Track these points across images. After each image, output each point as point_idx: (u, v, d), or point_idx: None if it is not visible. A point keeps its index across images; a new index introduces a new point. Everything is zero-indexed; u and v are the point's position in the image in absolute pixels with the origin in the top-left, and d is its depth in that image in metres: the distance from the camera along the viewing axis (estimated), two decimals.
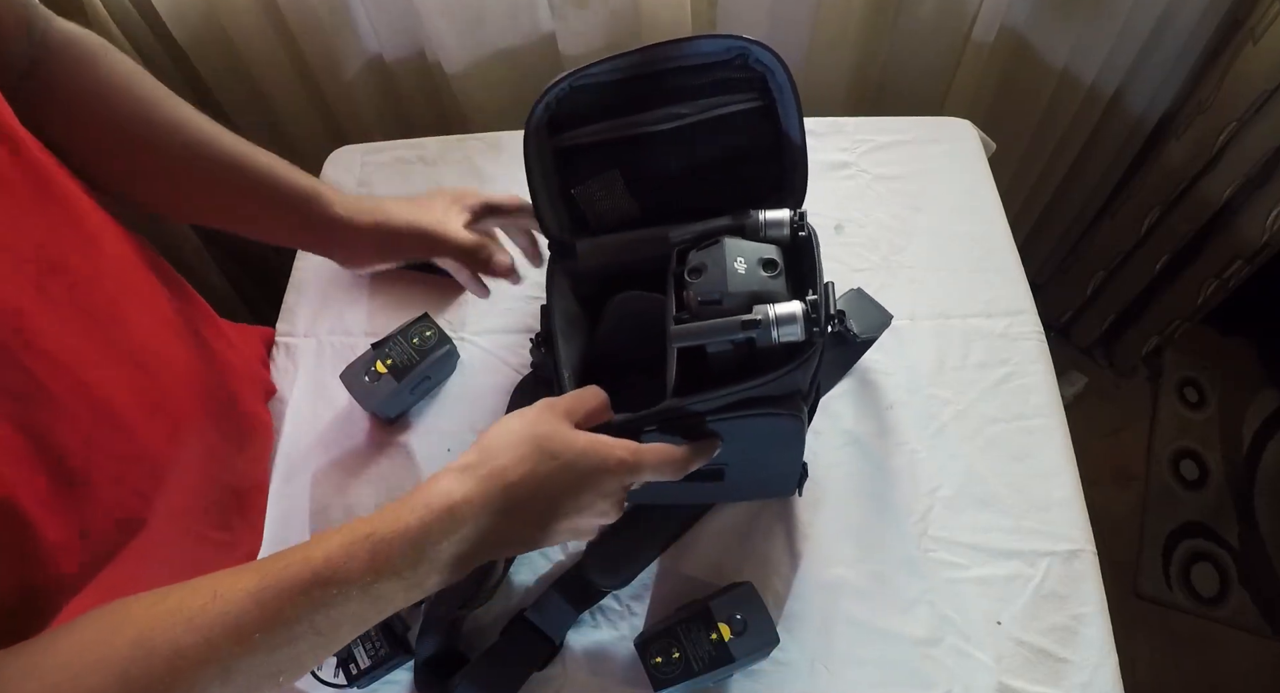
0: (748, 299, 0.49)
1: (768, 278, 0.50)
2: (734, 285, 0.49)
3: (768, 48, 0.52)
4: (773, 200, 0.57)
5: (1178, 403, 1.55)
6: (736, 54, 0.53)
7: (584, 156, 0.58)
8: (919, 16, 1.07)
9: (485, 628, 0.64)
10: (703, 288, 0.50)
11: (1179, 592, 1.37)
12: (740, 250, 0.51)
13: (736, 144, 0.57)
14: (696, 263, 0.52)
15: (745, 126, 0.57)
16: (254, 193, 0.59)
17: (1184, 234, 1.23)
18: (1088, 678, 0.60)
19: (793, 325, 0.48)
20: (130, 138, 0.54)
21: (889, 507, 0.68)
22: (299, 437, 0.74)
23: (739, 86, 0.55)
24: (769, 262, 0.51)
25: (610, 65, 0.54)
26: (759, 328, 0.47)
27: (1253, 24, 0.98)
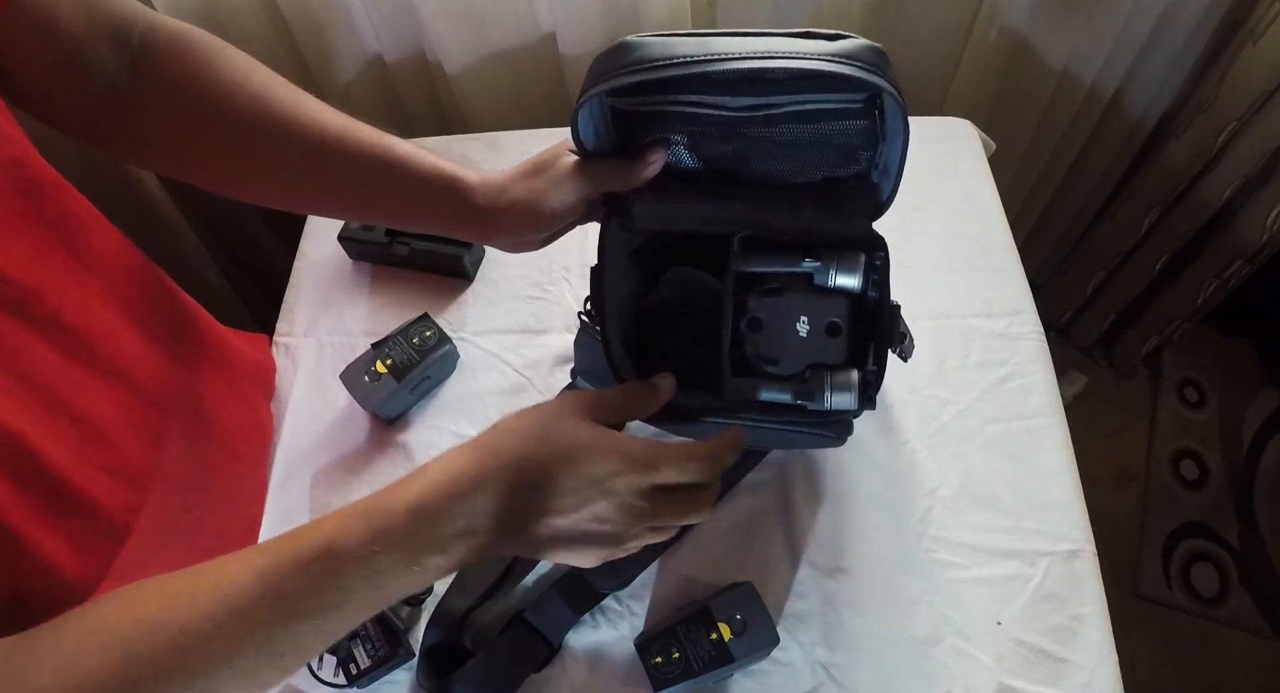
0: (805, 364, 0.49)
1: (831, 343, 0.49)
2: (791, 350, 0.49)
3: (899, 100, 0.44)
4: (850, 190, 0.52)
5: (1178, 403, 1.55)
6: (866, 95, 0.46)
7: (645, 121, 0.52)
8: (919, 16, 1.07)
9: (485, 627, 0.64)
10: (762, 346, 0.49)
11: (1179, 592, 1.37)
12: (805, 309, 0.49)
13: (828, 138, 0.50)
14: (758, 313, 0.50)
15: (843, 123, 0.49)
16: (391, 187, 0.54)
17: (1184, 234, 1.23)
18: (1088, 678, 0.60)
19: (846, 394, 0.47)
20: (254, 136, 0.52)
21: (889, 507, 0.68)
22: (299, 437, 0.74)
23: (845, 86, 0.47)
24: (833, 326, 0.49)
25: (687, 57, 0.45)
26: (812, 399, 0.48)
27: (1253, 24, 0.98)
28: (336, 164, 0.53)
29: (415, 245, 0.80)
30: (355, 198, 0.56)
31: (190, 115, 0.51)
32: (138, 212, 1.02)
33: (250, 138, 0.52)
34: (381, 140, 0.54)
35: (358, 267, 0.84)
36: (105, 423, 0.48)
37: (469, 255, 0.80)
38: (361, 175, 0.54)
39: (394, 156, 0.53)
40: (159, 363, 0.56)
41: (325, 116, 0.53)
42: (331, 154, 0.53)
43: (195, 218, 1.13)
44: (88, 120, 0.51)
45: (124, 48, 0.50)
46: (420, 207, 0.55)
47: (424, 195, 0.54)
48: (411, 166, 0.54)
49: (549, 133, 0.93)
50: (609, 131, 0.52)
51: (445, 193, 0.54)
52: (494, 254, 0.84)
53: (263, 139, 0.52)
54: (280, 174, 0.54)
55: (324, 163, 0.53)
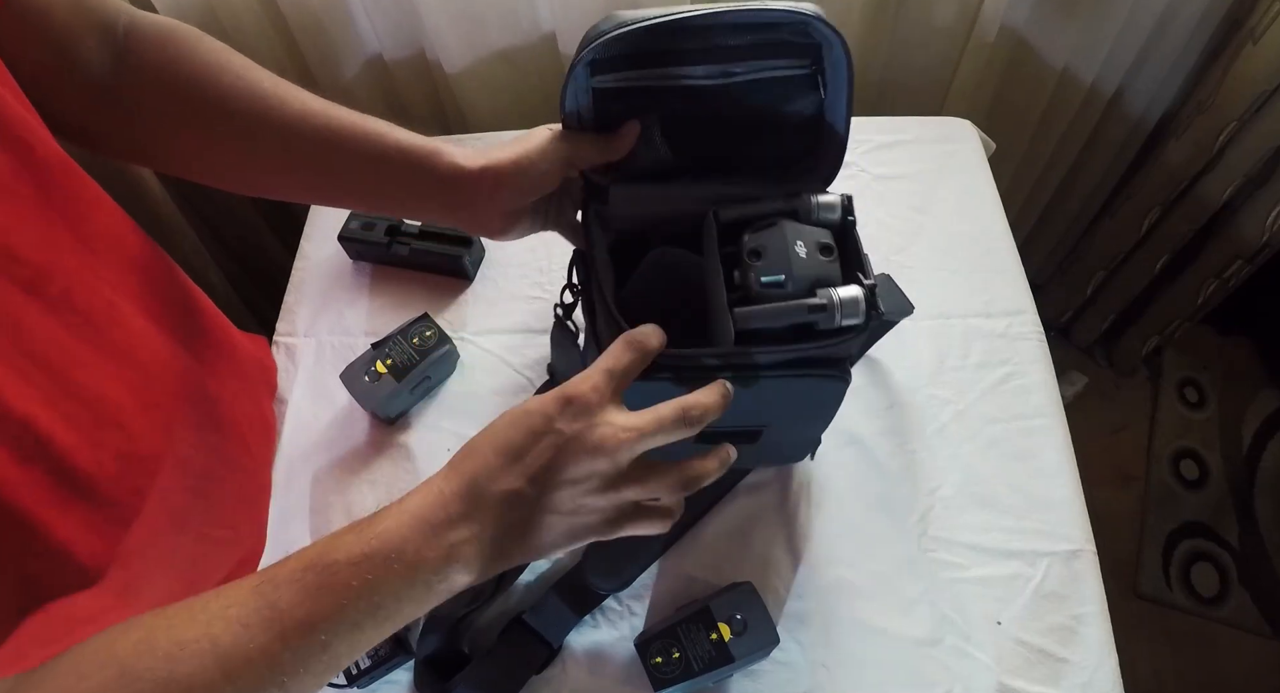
0: (810, 283, 0.50)
1: (826, 262, 0.51)
2: (798, 269, 0.50)
3: (830, 25, 0.51)
4: (803, 171, 0.57)
5: (1178, 403, 1.55)
6: (799, 21, 0.53)
7: (622, 100, 0.57)
8: (919, 16, 1.07)
9: (485, 629, 0.64)
10: (766, 270, 0.51)
11: (1179, 592, 1.37)
12: (800, 234, 0.52)
13: (781, 107, 0.57)
14: (756, 245, 0.52)
15: (793, 92, 0.56)
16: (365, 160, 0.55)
17: (1184, 234, 1.23)
18: (1088, 678, 0.60)
19: (855, 309, 0.49)
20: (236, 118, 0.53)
21: (889, 507, 0.68)
22: (299, 437, 0.74)
23: (793, 52, 0.54)
24: (826, 247, 0.52)
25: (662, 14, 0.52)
26: (824, 312, 0.49)
27: (1253, 24, 0.98)
28: (314, 139, 0.54)
29: (415, 245, 0.80)
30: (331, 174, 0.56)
31: (173, 101, 0.52)
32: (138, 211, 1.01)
33: (233, 120, 0.53)
34: (359, 119, 0.55)
35: (358, 267, 0.84)
36: (115, 407, 0.48)
37: (469, 255, 0.80)
38: (334, 149, 0.54)
39: (368, 130, 0.55)
40: (168, 349, 0.56)
41: (304, 96, 0.54)
42: (310, 129, 0.53)
43: (195, 217, 1.13)
44: (77, 116, 0.51)
45: (109, 43, 0.51)
46: (396, 174, 0.56)
47: (400, 162, 0.55)
48: (387, 137, 0.55)
49: None
50: (591, 110, 0.56)
51: (422, 158, 0.55)
52: (494, 254, 0.84)
53: (244, 120, 0.53)
54: (264, 157, 0.55)
55: (302, 138, 0.54)
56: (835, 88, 0.54)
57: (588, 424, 0.42)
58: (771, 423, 0.58)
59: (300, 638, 0.37)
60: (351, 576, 0.38)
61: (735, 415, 0.54)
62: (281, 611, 0.37)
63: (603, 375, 0.43)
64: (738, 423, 0.55)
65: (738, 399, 0.51)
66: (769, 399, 0.53)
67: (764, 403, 0.54)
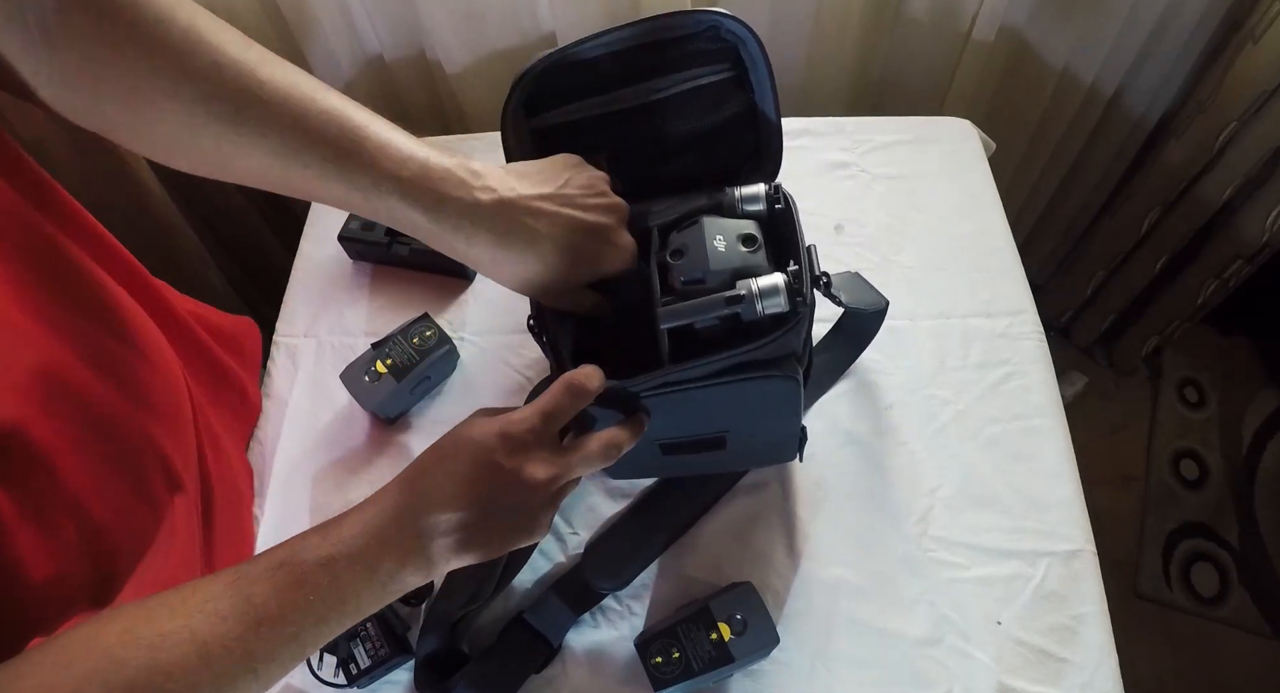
0: (730, 276, 0.50)
1: (748, 253, 0.51)
2: (715, 264, 0.50)
3: (738, 19, 0.53)
4: (750, 172, 0.58)
5: (1178, 403, 1.55)
6: (708, 27, 0.54)
7: (562, 136, 0.58)
8: (919, 16, 1.07)
9: (484, 629, 0.64)
10: (685, 269, 0.51)
11: (1179, 592, 1.37)
12: (719, 229, 0.52)
13: (711, 117, 0.58)
14: (677, 245, 0.52)
15: (719, 98, 0.57)
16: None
17: (1184, 234, 1.23)
18: (1088, 678, 0.60)
19: (776, 297, 0.48)
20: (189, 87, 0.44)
21: (889, 507, 0.68)
22: (299, 437, 0.74)
23: (712, 58, 0.55)
24: (748, 237, 0.52)
25: (585, 45, 0.54)
26: (743, 303, 0.48)
27: (1253, 24, 0.98)
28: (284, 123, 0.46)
29: (415, 245, 0.80)
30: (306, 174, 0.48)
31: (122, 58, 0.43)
32: (137, 211, 1.02)
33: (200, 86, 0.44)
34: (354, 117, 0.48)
35: (358, 267, 0.84)
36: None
37: None
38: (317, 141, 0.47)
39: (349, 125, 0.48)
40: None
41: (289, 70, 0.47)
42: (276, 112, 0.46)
43: (195, 217, 1.13)
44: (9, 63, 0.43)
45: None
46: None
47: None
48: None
49: None
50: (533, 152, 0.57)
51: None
52: None
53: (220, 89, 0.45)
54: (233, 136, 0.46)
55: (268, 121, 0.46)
56: (759, 81, 0.56)
57: (524, 460, 0.46)
58: (731, 429, 0.58)
59: (273, 629, 0.40)
60: (319, 574, 0.42)
61: (691, 426, 0.55)
62: (256, 605, 0.40)
63: (539, 417, 0.47)
64: (696, 433, 0.55)
65: (688, 412, 0.52)
66: (720, 408, 0.53)
67: (715, 412, 0.54)
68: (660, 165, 0.59)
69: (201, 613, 0.39)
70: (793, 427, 0.61)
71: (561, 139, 0.57)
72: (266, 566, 0.41)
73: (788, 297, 0.48)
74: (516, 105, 0.55)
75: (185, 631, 0.38)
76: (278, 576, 0.41)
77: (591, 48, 0.54)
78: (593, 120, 0.57)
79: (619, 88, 0.56)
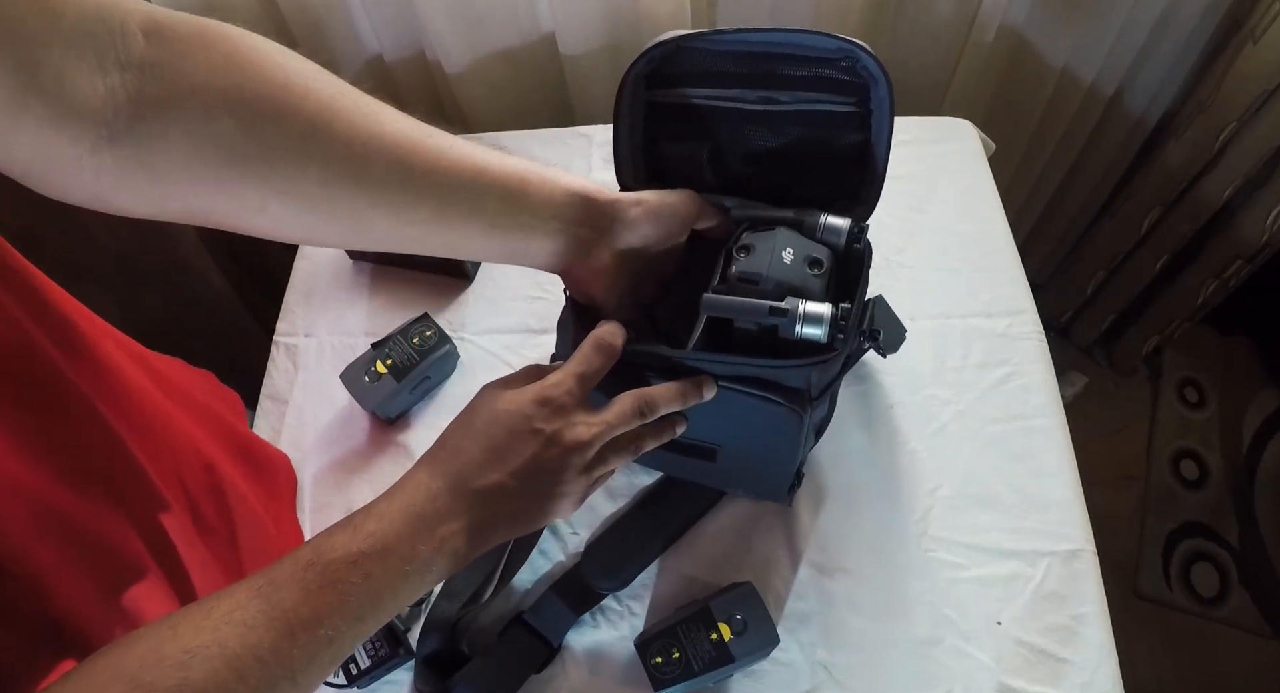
0: (784, 289, 0.50)
1: (809, 275, 0.52)
2: (774, 271, 0.51)
3: (877, 59, 0.52)
4: (840, 206, 0.57)
5: (1178, 403, 1.55)
6: (845, 56, 0.53)
7: (674, 116, 0.58)
8: (918, 16, 1.07)
9: (485, 628, 0.64)
10: (745, 265, 0.51)
11: (1179, 592, 1.37)
12: (792, 242, 0.52)
13: (822, 144, 0.58)
14: (748, 241, 0.53)
15: (836, 129, 0.57)
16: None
17: (1184, 234, 1.23)
18: (1088, 678, 0.60)
19: (818, 325, 0.49)
20: (325, 153, 0.42)
21: (889, 507, 0.68)
22: (299, 437, 0.74)
23: (840, 88, 0.55)
24: (815, 260, 0.52)
25: (720, 36, 0.54)
26: (785, 318, 0.49)
27: (1253, 24, 0.98)
28: (406, 187, 0.45)
29: None
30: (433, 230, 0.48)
31: (230, 132, 0.39)
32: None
33: (324, 153, 0.42)
34: (482, 157, 0.48)
35: (358, 267, 0.84)
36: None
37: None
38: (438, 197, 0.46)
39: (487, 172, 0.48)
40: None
41: (405, 128, 0.45)
42: (401, 177, 0.45)
43: None
44: (62, 176, 0.38)
45: (116, 60, 0.36)
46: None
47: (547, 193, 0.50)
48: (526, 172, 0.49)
49: (549, 133, 0.93)
50: (641, 123, 0.58)
51: (585, 189, 0.51)
52: None
53: (339, 150, 0.42)
54: (362, 199, 0.45)
55: (389, 186, 0.45)
56: (880, 126, 0.55)
57: (564, 423, 0.46)
58: (724, 445, 0.59)
59: (308, 634, 0.38)
60: (350, 572, 0.40)
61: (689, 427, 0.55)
62: (287, 610, 0.38)
63: (575, 380, 0.48)
64: (690, 435, 0.56)
65: (690, 409, 0.52)
66: (719, 416, 0.54)
67: (714, 420, 0.54)
68: (757, 172, 0.60)
69: (230, 624, 0.37)
70: (787, 465, 0.61)
71: (672, 117, 0.58)
72: (293, 568, 0.39)
73: (829, 329, 0.49)
74: (639, 74, 0.56)
75: (214, 645, 0.36)
76: (307, 578, 0.39)
77: (725, 41, 0.54)
78: (709, 110, 0.57)
79: (740, 87, 0.56)
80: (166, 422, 0.55)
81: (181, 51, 0.38)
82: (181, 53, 0.38)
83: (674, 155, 0.60)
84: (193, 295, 1.13)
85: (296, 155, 0.41)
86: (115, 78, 0.36)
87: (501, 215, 0.49)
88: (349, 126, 0.43)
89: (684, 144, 0.60)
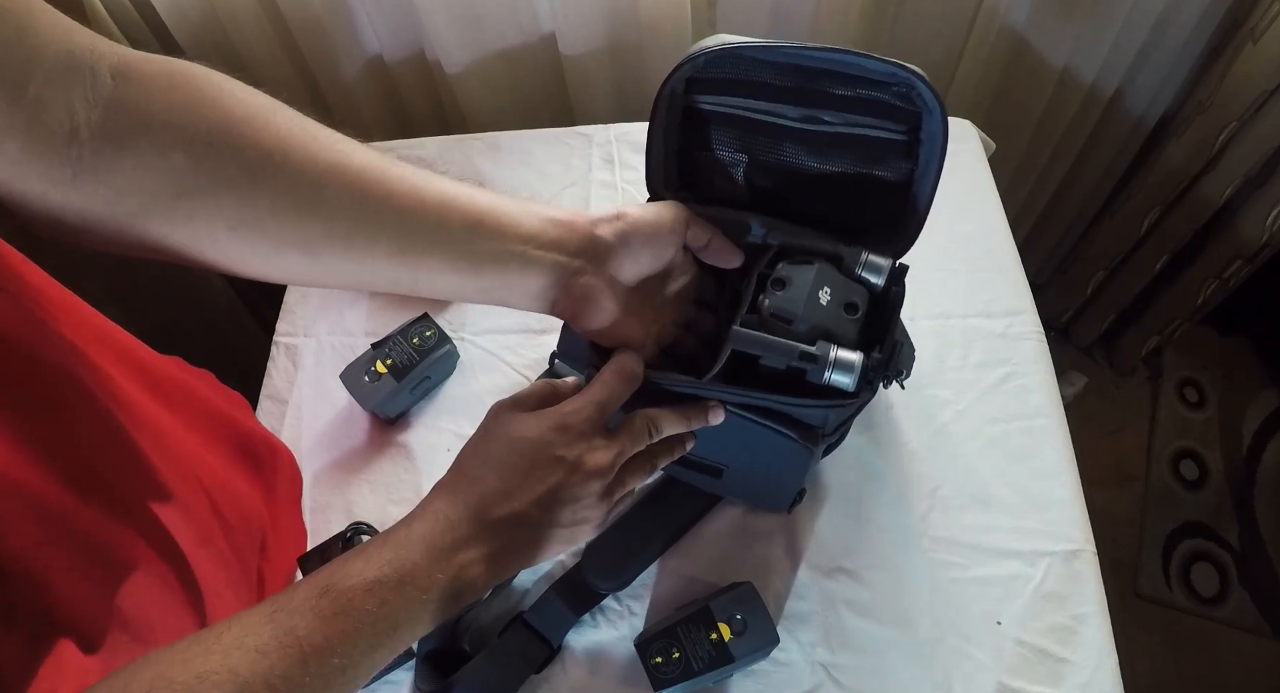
0: (817, 332, 0.49)
1: (846, 319, 0.50)
2: (810, 312, 0.49)
3: (934, 89, 0.49)
4: (876, 239, 0.55)
5: (1178, 403, 1.55)
6: (900, 82, 0.50)
7: (710, 125, 0.56)
8: (918, 16, 1.07)
9: (485, 628, 0.64)
10: (779, 302, 0.50)
11: (1179, 592, 1.37)
12: (831, 281, 0.51)
13: (866, 170, 0.55)
14: (784, 274, 0.51)
15: (881, 157, 0.54)
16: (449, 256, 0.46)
17: (1184, 234, 1.23)
18: (1088, 678, 0.60)
19: (848, 374, 0.48)
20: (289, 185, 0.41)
21: (889, 507, 0.68)
22: (299, 437, 0.74)
23: (891, 114, 0.52)
24: (852, 305, 0.51)
25: (768, 47, 0.51)
26: (815, 364, 0.48)
27: (1253, 24, 0.98)
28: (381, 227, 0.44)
29: None
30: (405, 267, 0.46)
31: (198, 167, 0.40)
32: None
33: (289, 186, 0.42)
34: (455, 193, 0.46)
35: None
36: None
37: None
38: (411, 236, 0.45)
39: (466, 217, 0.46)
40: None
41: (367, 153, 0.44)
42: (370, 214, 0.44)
43: None
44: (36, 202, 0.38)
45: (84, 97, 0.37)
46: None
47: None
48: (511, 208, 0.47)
49: (549, 133, 0.93)
50: (678, 128, 0.56)
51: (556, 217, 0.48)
52: None
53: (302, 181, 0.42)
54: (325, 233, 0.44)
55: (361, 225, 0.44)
56: (929, 159, 0.52)
57: (585, 448, 0.46)
58: (731, 466, 0.59)
59: (320, 662, 0.38)
60: (366, 600, 0.39)
61: (698, 447, 0.54)
62: (300, 637, 0.37)
63: (595, 408, 0.47)
64: (698, 454, 0.55)
65: (701, 431, 0.52)
66: (730, 441, 0.53)
67: (725, 444, 0.54)
68: (793, 192, 0.57)
69: (240, 649, 0.36)
70: (792, 485, 0.61)
71: (710, 125, 0.56)
72: (307, 594, 0.39)
73: (858, 378, 0.48)
74: (680, 78, 0.53)
75: (224, 671, 0.35)
76: (321, 605, 0.38)
77: (773, 52, 0.51)
78: (749, 121, 0.55)
79: (785, 102, 0.53)
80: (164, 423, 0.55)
81: (145, 91, 0.38)
82: (145, 92, 0.38)
83: (707, 165, 0.58)
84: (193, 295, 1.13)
85: (247, 188, 0.41)
86: (82, 115, 0.37)
87: (467, 245, 0.45)
88: (306, 158, 0.42)
89: (718, 154, 0.58)
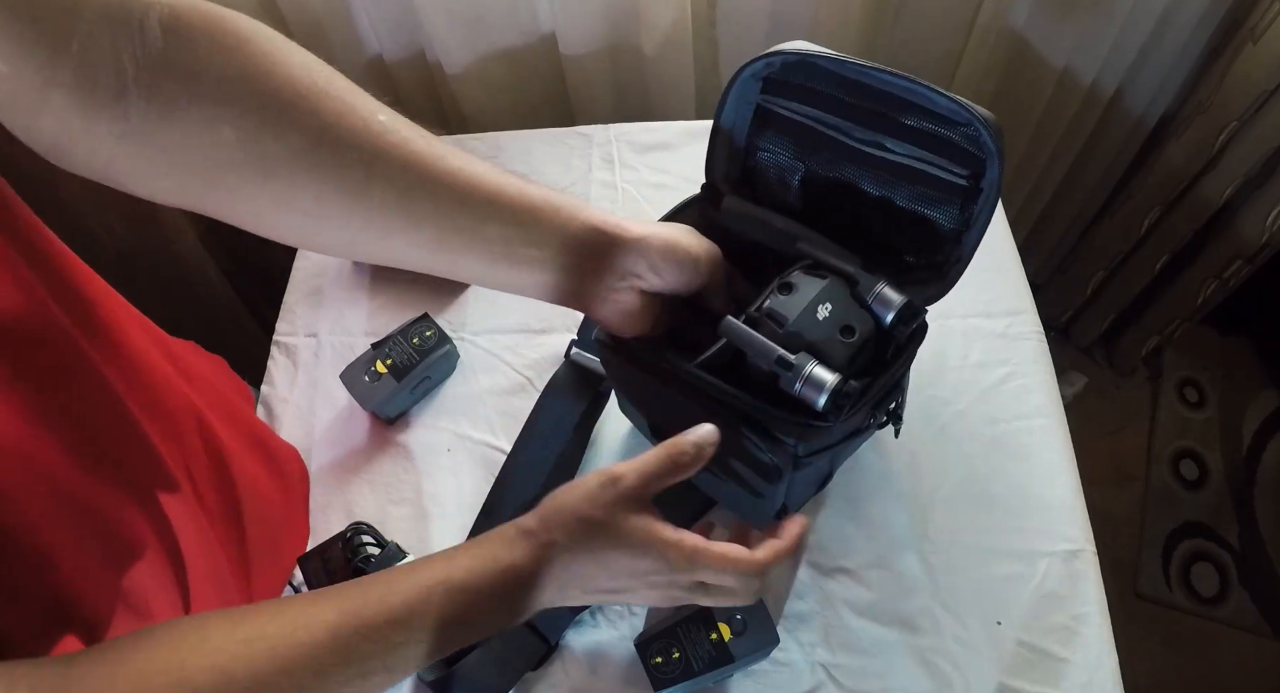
0: (802, 343, 0.49)
1: (838, 340, 0.49)
2: (801, 323, 0.49)
3: (1000, 135, 0.48)
4: (918, 277, 0.55)
5: (1178, 403, 1.55)
6: (966, 121, 0.50)
7: (777, 128, 0.56)
8: (918, 16, 1.07)
9: None
10: (778, 304, 0.50)
11: (1179, 592, 1.37)
12: (835, 300, 0.50)
13: (922, 207, 0.54)
14: (794, 280, 0.51)
15: (938, 197, 0.53)
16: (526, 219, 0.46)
17: (1184, 234, 1.23)
18: (1088, 678, 0.60)
19: (818, 392, 0.47)
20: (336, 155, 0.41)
21: (889, 507, 0.68)
22: (299, 437, 0.74)
23: (956, 155, 0.51)
24: (849, 328, 0.50)
25: (848, 62, 0.51)
26: (788, 371, 0.47)
27: (1253, 24, 0.98)
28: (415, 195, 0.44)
29: None
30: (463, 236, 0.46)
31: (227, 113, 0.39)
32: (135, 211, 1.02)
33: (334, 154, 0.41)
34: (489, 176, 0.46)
35: (358, 267, 0.84)
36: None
37: None
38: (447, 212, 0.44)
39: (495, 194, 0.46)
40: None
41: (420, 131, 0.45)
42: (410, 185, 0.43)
43: (195, 217, 1.13)
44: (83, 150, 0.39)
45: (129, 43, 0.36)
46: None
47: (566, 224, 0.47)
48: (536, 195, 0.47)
49: (549, 133, 0.93)
50: (746, 127, 0.56)
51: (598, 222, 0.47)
52: None
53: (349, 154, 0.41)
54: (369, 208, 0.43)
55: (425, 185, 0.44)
56: (983, 210, 0.51)
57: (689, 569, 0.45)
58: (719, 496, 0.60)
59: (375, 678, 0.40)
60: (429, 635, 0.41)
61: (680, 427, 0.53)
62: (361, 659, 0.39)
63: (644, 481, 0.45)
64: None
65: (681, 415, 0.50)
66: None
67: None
68: (842, 209, 0.57)
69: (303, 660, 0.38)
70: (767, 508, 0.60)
71: (776, 129, 0.56)
72: (380, 624, 0.40)
73: (829, 399, 0.47)
74: (753, 74, 0.53)
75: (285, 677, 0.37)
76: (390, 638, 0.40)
77: (850, 68, 0.51)
78: (815, 133, 0.54)
79: (854, 121, 0.53)
80: (181, 404, 0.55)
81: (196, 54, 0.38)
82: (196, 55, 0.38)
83: (766, 167, 0.58)
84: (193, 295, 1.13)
85: (293, 171, 0.41)
86: (130, 74, 0.36)
87: (504, 248, 0.46)
88: (354, 145, 0.41)
89: (778, 158, 0.57)
